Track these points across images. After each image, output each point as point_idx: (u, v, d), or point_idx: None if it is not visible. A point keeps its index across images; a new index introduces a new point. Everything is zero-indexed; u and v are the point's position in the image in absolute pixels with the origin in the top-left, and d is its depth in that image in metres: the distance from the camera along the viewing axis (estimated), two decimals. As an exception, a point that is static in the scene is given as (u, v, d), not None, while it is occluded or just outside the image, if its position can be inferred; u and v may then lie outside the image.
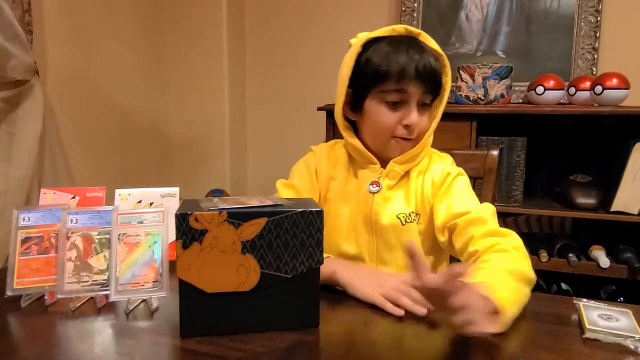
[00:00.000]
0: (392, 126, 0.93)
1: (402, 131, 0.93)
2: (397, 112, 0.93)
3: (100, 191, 0.92)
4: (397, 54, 0.90)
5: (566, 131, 1.90)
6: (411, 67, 0.89)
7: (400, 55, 0.90)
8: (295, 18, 2.32)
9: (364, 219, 0.99)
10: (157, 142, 2.34)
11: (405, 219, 0.97)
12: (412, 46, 0.92)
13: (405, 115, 0.92)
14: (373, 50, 0.94)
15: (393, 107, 0.93)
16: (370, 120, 0.96)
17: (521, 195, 1.81)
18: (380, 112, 0.94)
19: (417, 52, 0.91)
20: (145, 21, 2.20)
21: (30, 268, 0.79)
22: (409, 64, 0.89)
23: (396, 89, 0.91)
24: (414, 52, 0.91)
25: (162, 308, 0.77)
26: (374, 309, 0.78)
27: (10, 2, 1.47)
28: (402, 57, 0.90)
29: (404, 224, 0.97)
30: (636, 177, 1.63)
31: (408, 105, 0.92)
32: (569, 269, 1.72)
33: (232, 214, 0.66)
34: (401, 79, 0.90)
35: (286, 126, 2.42)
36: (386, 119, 0.93)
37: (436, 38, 1.00)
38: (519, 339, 0.69)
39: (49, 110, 1.67)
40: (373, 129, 0.97)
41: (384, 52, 0.92)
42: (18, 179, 1.53)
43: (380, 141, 0.97)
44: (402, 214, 0.97)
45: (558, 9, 1.92)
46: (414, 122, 0.91)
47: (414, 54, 0.90)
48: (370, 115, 0.96)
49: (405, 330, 0.72)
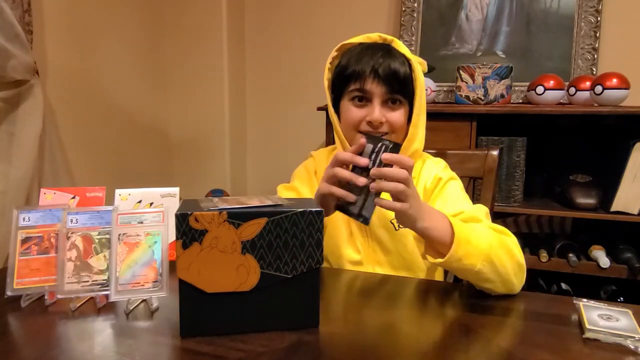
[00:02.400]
0: (357, 121, 0.99)
1: (366, 127, 0.98)
2: (363, 109, 0.98)
3: (100, 191, 0.92)
4: (361, 57, 0.97)
5: (566, 131, 1.90)
6: (369, 67, 0.95)
7: (363, 58, 0.97)
8: (295, 18, 2.32)
9: (358, 224, 1.00)
10: (157, 142, 2.34)
11: (398, 224, 0.99)
12: (379, 50, 0.98)
13: (369, 112, 0.97)
14: (344, 55, 1.02)
15: (359, 104, 0.99)
16: (343, 118, 1.02)
17: (521, 195, 1.81)
18: (348, 109, 1.00)
19: (381, 55, 0.96)
20: (145, 21, 2.20)
21: (30, 268, 0.79)
22: (368, 64, 0.96)
23: (357, 88, 0.97)
24: (378, 55, 0.96)
25: (162, 308, 0.77)
26: (374, 309, 0.78)
27: (10, 2, 1.47)
28: (365, 59, 0.96)
29: (397, 228, 0.99)
30: (636, 177, 1.63)
31: (371, 103, 0.97)
32: (569, 269, 1.72)
33: (232, 214, 0.66)
34: (360, 78, 0.96)
35: (286, 126, 2.42)
36: (352, 114, 0.99)
37: (436, 38, 1.01)
38: (519, 339, 0.69)
39: (49, 110, 1.67)
40: (344, 125, 1.02)
41: (351, 55, 0.99)
42: (18, 179, 1.53)
43: (349, 136, 1.02)
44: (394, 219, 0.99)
45: (558, 9, 1.92)
46: (374, 118, 0.96)
47: (377, 57, 0.96)
48: (342, 113, 1.02)
49: (405, 330, 0.73)
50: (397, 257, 1.00)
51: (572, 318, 0.74)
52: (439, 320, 0.76)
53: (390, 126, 0.98)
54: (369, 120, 0.96)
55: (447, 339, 0.70)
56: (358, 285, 0.91)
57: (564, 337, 0.68)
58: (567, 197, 1.75)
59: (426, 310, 0.80)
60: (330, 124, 1.92)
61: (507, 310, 0.78)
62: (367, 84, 0.96)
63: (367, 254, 1.01)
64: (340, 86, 1.01)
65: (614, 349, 0.65)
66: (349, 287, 0.91)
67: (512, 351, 0.65)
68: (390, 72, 0.95)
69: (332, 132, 1.06)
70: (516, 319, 0.75)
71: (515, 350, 0.65)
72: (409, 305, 0.82)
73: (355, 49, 1.00)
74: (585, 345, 0.66)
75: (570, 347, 0.66)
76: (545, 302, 0.82)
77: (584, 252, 1.77)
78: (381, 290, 0.89)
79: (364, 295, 0.87)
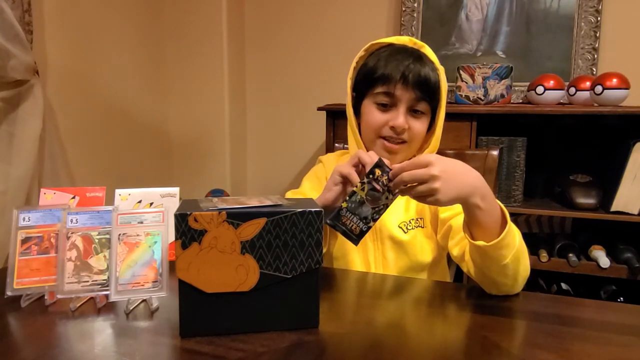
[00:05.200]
0: (379, 126, 0.97)
1: (388, 132, 0.97)
2: (386, 114, 0.97)
3: (100, 191, 0.92)
4: (390, 60, 0.95)
5: (566, 131, 1.90)
6: (399, 73, 0.93)
7: (392, 61, 0.95)
8: (295, 18, 2.32)
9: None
10: (157, 142, 2.34)
11: (406, 226, 0.99)
12: (409, 56, 0.95)
13: (393, 117, 0.95)
14: (372, 55, 0.99)
15: (383, 109, 0.97)
16: (363, 120, 1.01)
17: (521, 195, 1.81)
18: (371, 111, 0.98)
19: (411, 60, 0.94)
20: (146, 21, 2.20)
21: (30, 268, 0.79)
22: (398, 69, 0.93)
23: (384, 92, 0.95)
24: (408, 59, 0.94)
25: (162, 308, 0.77)
26: (374, 309, 0.78)
27: (10, 2, 1.47)
28: (394, 62, 0.94)
29: (406, 231, 0.99)
30: (636, 177, 1.63)
31: (397, 108, 0.95)
32: (569, 269, 1.72)
33: (231, 214, 0.66)
34: (388, 82, 0.94)
35: (286, 126, 2.42)
36: (375, 118, 0.97)
37: (436, 38, 1.02)
38: (519, 339, 0.69)
39: (49, 110, 1.67)
40: (365, 127, 1.01)
41: (379, 57, 0.97)
42: (18, 179, 1.53)
43: (369, 139, 1.00)
44: (402, 223, 0.99)
45: (558, 9, 1.92)
46: (398, 124, 0.94)
47: (407, 62, 0.94)
48: (364, 115, 1.00)
49: (406, 330, 0.72)
50: (406, 261, 1.00)
51: (572, 318, 0.74)
52: (438, 319, 0.76)
53: (410, 135, 0.97)
54: (392, 126, 0.95)
55: (447, 338, 0.70)
56: (358, 285, 0.91)
57: (564, 337, 0.68)
58: (567, 197, 1.75)
59: (426, 309, 0.80)
60: (330, 124, 1.93)
61: (507, 310, 0.78)
62: (395, 89, 0.94)
63: (376, 258, 1.02)
64: (365, 87, 0.99)
65: (614, 349, 0.65)
66: (349, 287, 0.91)
67: (512, 351, 0.65)
68: (421, 79, 0.93)
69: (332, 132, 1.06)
70: (516, 319, 0.75)
71: (515, 350, 0.65)
72: (409, 305, 0.82)
73: (385, 51, 0.98)
74: (585, 345, 0.66)
75: (570, 347, 0.66)
76: (545, 302, 0.82)
77: (584, 252, 1.77)
78: (381, 290, 0.89)
79: (364, 295, 0.87)
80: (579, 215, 1.71)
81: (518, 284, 0.81)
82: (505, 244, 0.76)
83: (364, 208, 0.75)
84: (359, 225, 0.76)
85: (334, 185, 0.85)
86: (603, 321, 0.74)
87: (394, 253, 1.00)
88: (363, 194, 0.75)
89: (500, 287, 0.81)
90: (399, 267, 1.00)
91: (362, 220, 0.76)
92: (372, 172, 0.75)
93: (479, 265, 0.82)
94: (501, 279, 0.80)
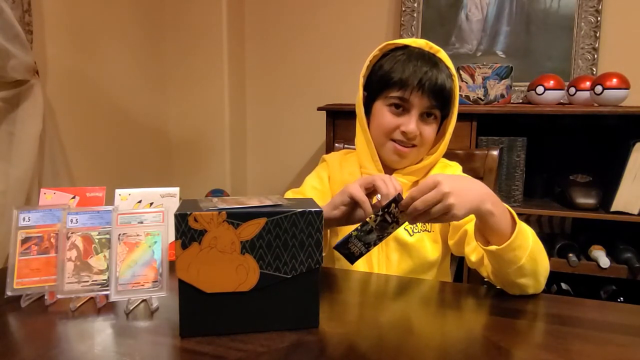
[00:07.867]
0: (391, 129, 0.97)
1: (399, 136, 0.97)
2: (399, 117, 0.97)
3: (100, 191, 0.92)
4: (406, 64, 0.94)
5: (566, 131, 1.90)
6: (416, 78, 0.92)
7: (408, 65, 0.94)
8: (295, 17, 2.32)
9: None
10: (157, 142, 2.34)
11: (412, 229, 0.99)
12: (426, 61, 0.95)
13: (405, 122, 0.95)
14: (388, 57, 0.98)
15: (396, 112, 0.97)
16: (375, 121, 1.00)
17: (521, 195, 1.81)
18: (383, 114, 0.98)
19: (428, 65, 0.94)
20: (146, 21, 2.20)
21: (30, 268, 0.79)
22: (415, 74, 0.93)
23: (399, 96, 0.95)
24: (424, 64, 0.94)
25: (162, 308, 0.77)
26: (374, 310, 0.78)
27: (10, 2, 1.47)
28: (410, 67, 0.94)
29: (411, 234, 0.99)
30: (636, 177, 1.63)
31: (409, 113, 0.95)
32: (569, 269, 1.72)
33: (231, 214, 0.66)
34: (404, 87, 0.94)
35: (286, 126, 2.42)
36: (387, 121, 0.97)
37: (436, 38, 1.02)
38: (520, 339, 0.69)
39: (49, 110, 1.67)
40: (375, 128, 1.00)
41: (395, 60, 0.96)
42: (18, 179, 1.53)
43: (379, 141, 1.00)
44: (408, 226, 0.99)
45: (558, 9, 1.92)
46: (410, 129, 0.95)
47: (424, 67, 0.93)
48: (375, 116, 1.00)
49: (406, 330, 0.72)
50: (409, 263, 1.00)
51: (572, 318, 0.74)
52: (438, 319, 0.76)
53: (421, 140, 0.97)
54: (404, 131, 0.95)
55: (447, 338, 0.70)
56: (358, 285, 0.91)
57: (564, 337, 0.68)
58: (567, 197, 1.75)
59: (426, 309, 0.80)
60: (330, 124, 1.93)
61: (507, 310, 0.78)
62: (411, 95, 0.94)
63: (379, 259, 1.02)
64: (379, 89, 0.98)
65: (614, 349, 0.65)
66: (350, 287, 0.91)
67: (512, 351, 0.65)
68: (437, 87, 0.93)
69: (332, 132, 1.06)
70: (516, 319, 0.75)
71: (515, 350, 0.65)
72: (409, 305, 0.82)
73: (401, 54, 0.97)
74: (585, 345, 0.66)
75: (570, 347, 0.66)
76: (545, 302, 0.82)
77: (584, 252, 1.77)
78: (382, 290, 0.89)
79: (364, 295, 0.87)
80: (579, 215, 1.71)
81: (540, 283, 0.81)
82: (517, 245, 0.76)
83: (371, 235, 0.77)
84: (360, 249, 0.78)
85: (342, 205, 0.83)
86: (603, 321, 0.74)
87: (398, 255, 1.00)
88: (374, 224, 0.76)
89: (522, 288, 0.81)
90: (402, 268, 1.00)
91: (364, 245, 0.77)
92: (388, 205, 0.75)
93: (497, 270, 0.82)
94: (521, 280, 0.79)
